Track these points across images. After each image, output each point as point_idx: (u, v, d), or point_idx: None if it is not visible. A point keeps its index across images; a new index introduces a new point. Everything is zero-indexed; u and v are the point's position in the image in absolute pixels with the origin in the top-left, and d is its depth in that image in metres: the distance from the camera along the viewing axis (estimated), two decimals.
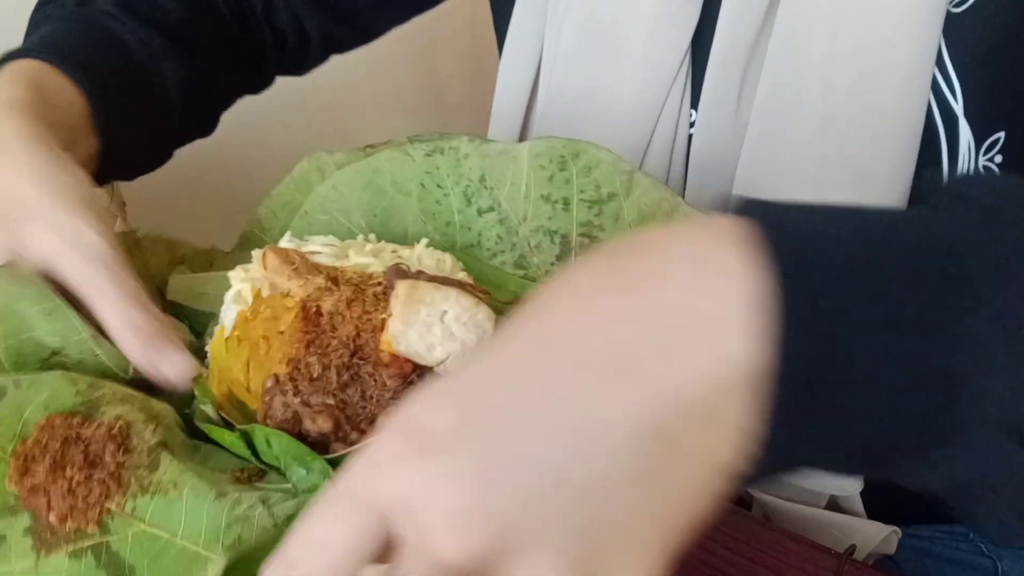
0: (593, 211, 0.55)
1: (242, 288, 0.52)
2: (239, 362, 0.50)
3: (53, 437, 0.45)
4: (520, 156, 0.56)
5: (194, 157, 1.14)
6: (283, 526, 0.43)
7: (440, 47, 1.40)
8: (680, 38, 0.65)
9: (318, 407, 0.47)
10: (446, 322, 0.46)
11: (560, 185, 0.55)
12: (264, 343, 0.49)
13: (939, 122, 0.60)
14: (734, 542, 0.57)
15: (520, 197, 0.56)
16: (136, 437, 0.46)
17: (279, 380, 0.48)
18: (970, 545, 0.73)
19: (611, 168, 0.55)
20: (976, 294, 0.32)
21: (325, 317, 0.48)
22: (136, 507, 0.44)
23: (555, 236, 0.55)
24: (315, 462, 0.43)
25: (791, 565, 0.56)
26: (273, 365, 0.48)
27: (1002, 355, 0.32)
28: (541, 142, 0.56)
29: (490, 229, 0.57)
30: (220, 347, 0.51)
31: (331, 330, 0.48)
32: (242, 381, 0.50)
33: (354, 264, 0.52)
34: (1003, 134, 0.60)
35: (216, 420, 0.49)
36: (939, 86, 0.60)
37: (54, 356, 0.52)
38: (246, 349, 0.50)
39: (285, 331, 0.49)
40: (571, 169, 0.55)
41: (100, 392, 0.48)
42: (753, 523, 0.59)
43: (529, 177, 0.56)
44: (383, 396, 0.47)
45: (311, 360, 0.47)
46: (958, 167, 0.61)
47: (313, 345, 0.48)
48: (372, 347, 0.47)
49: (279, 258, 0.50)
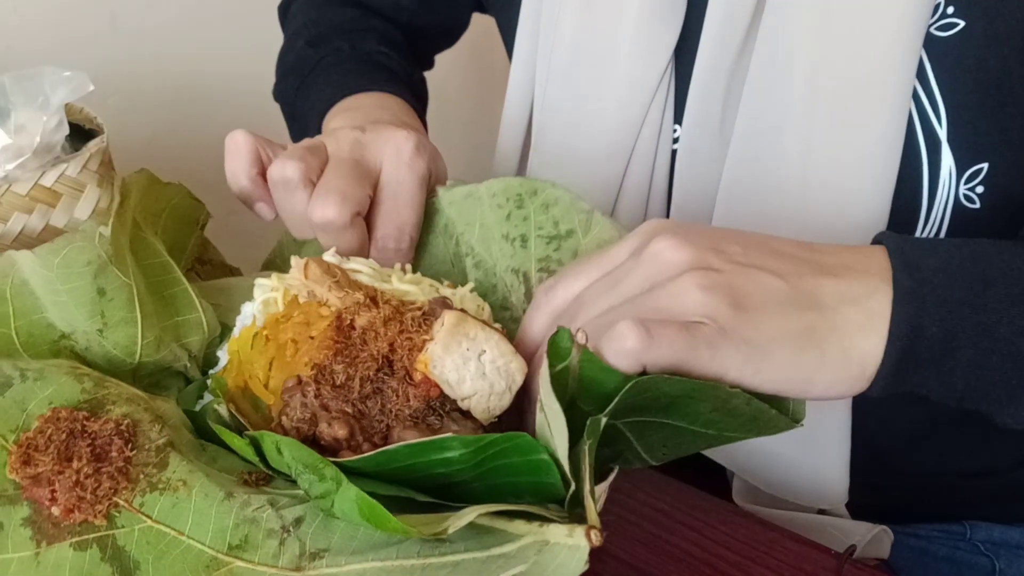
0: (552, 246, 0.56)
1: (275, 295, 0.53)
2: (263, 359, 0.50)
3: (59, 429, 0.45)
4: (482, 197, 0.58)
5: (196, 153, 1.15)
6: (291, 528, 0.43)
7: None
8: (660, 55, 0.66)
9: (336, 412, 0.47)
10: (483, 361, 0.47)
11: (518, 223, 0.56)
12: (292, 346, 0.50)
13: (922, 146, 0.60)
14: (734, 542, 0.58)
15: (490, 239, 0.57)
16: (143, 436, 0.46)
17: (302, 381, 0.48)
18: (968, 544, 0.73)
19: (569, 206, 0.56)
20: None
21: (358, 331, 0.49)
22: (144, 503, 0.44)
23: (518, 274, 0.56)
24: (328, 468, 0.43)
25: (791, 565, 0.56)
26: (298, 367, 0.49)
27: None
28: (497, 182, 0.57)
29: (471, 272, 0.58)
30: (245, 343, 0.52)
31: (361, 344, 0.48)
32: (261, 378, 0.50)
33: (395, 289, 0.53)
34: (986, 165, 0.60)
35: (228, 421, 0.49)
36: (924, 109, 0.60)
37: (63, 339, 0.53)
38: (272, 349, 0.50)
39: (316, 337, 0.49)
40: (528, 207, 0.56)
41: (105, 392, 0.48)
42: (753, 523, 0.59)
43: (490, 218, 0.57)
44: (402, 412, 0.47)
45: (337, 368, 0.48)
46: (937, 193, 0.61)
47: (341, 355, 0.48)
48: (404, 364, 0.48)
49: (321, 269, 0.51)
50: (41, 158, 0.69)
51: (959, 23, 0.58)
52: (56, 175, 0.67)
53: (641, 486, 0.61)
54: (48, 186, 0.66)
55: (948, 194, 0.61)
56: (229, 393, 0.50)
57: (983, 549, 0.73)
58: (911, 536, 0.73)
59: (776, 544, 0.58)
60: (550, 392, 0.41)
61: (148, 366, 0.54)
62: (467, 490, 0.44)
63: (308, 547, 0.43)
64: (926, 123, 0.60)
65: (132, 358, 0.53)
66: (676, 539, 0.58)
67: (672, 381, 0.42)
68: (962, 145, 0.60)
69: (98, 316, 0.52)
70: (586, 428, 0.41)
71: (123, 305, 0.53)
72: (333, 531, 0.43)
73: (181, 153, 1.13)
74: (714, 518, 0.59)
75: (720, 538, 0.58)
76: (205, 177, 1.19)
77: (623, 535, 0.58)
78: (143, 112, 1.07)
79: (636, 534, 0.58)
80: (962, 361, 0.45)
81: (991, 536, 0.74)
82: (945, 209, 0.61)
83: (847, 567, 0.56)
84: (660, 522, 0.59)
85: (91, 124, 0.77)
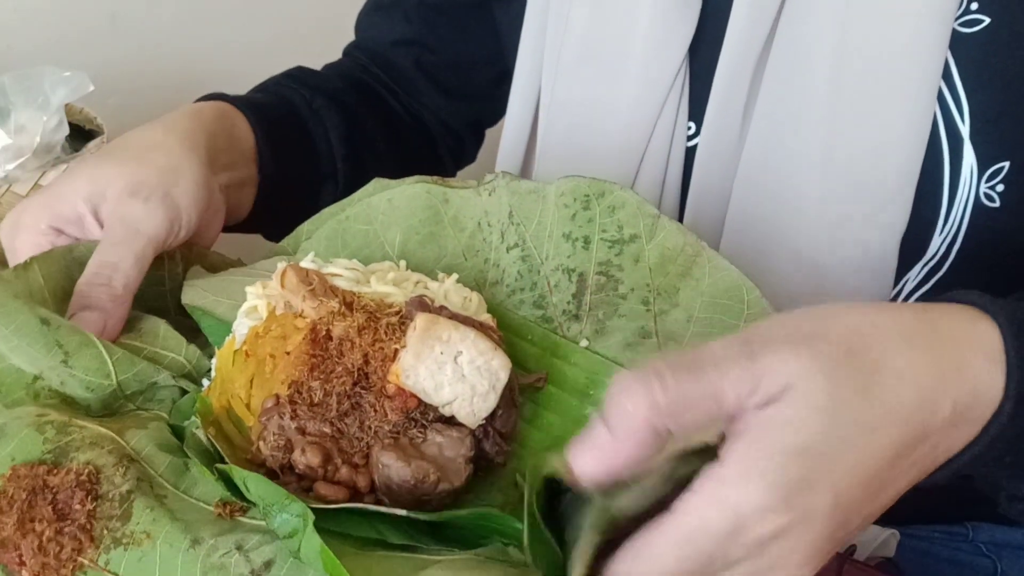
0: (613, 251, 0.54)
1: (258, 304, 0.51)
2: (243, 377, 0.49)
3: (19, 487, 0.44)
4: (548, 196, 0.56)
5: None
6: (261, 573, 0.41)
7: None
8: (675, 52, 0.65)
9: (312, 436, 0.45)
10: (459, 363, 0.45)
11: (582, 224, 0.55)
12: (270, 361, 0.48)
13: (944, 143, 0.59)
14: None
15: (544, 236, 0.56)
16: (106, 482, 0.45)
17: (279, 401, 0.46)
18: (970, 545, 0.73)
19: (635, 210, 0.54)
20: None
21: (334, 342, 0.47)
22: (110, 560, 0.43)
23: (572, 274, 0.55)
24: (293, 504, 0.41)
25: None
26: (276, 385, 0.47)
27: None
28: (567, 181, 0.55)
29: (513, 265, 0.56)
30: (227, 359, 0.50)
31: (338, 355, 0.46)
32: (243, 397, 0.48)
33: (373, 292, 0.50)
34: (1008, 163, 0.59)
35: (207, 447, 0.47)
36: (947, 105, 0.59)
37: (37, 381, 0.51)
38: (252, 365, 0.48)
39: (292, 352, 0.47)
40: (595, 208, 0.55)
41: (68, 439, 0.47)
42: None
43: (553, 216, 0.55)
44: (382, 428, 0.45)
45: (313, 384, 0.46)
46: (958, 191, 0.60)
47: (317, 369, 0.46)
48: (379, 376, 0.46)
49: (297, 277, 0.49)
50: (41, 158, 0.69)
51: (984, 20, 0.57)
52: (56, 175, 0.67)
53: None
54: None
55: (969, 192, 0.60)
56: (214, 415, 0.49)
57: (985, 550, 0.73)
58: (913, 537, 0.73)
59: None
60: None
61: (132, 383, 0.52)
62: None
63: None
64: (949, 120, 0.59)
65: (109, 379, 0.51)
66: None
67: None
68: (984, 143, 0.59)
69: (55, 347, 0.50)
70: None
71: (72, 329, 0.51)
72: (305, 574, 0.41)
73: None
74: None
75: None
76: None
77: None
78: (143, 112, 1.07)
79: None
80: None
81: (993, 537, 0.74)
82: (965, 208, 0.60)
83: (847, 567, 0.56)
84: None
85: (91, 124, 0.77)
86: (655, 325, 0.53)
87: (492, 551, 0.44)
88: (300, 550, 0.41)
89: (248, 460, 0.47)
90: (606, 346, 0.53)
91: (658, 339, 0.52)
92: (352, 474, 0.45)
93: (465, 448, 0.45)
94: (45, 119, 0.69)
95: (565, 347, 0.53)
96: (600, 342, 0.53)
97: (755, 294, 0.52)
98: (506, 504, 0.47)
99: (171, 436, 0.50)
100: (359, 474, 0.45)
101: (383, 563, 0.42)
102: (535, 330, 0.54)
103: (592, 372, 0.52)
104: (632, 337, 0.52)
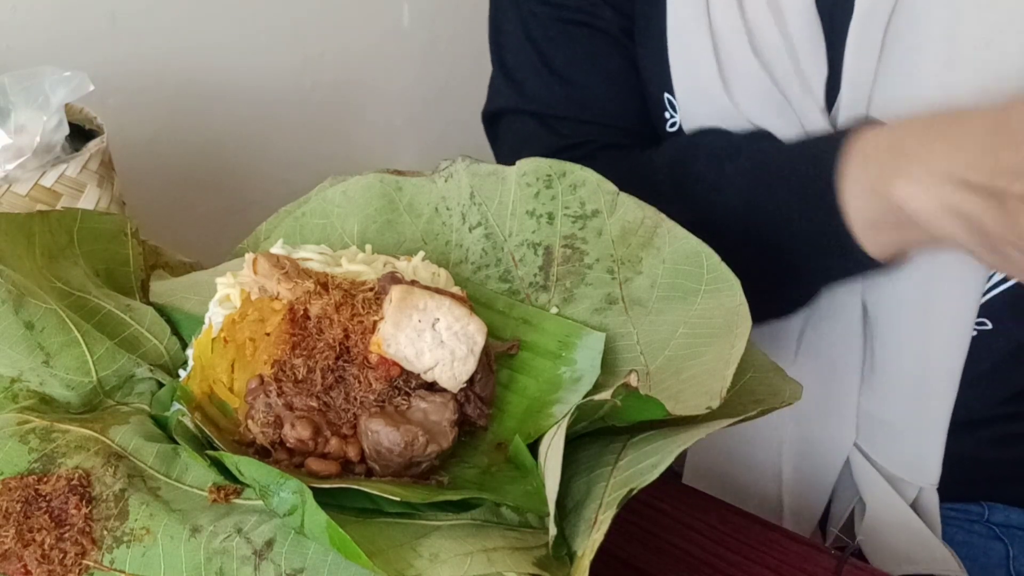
0: (577, 225, 0.57)
1: (231, 292, 0.51)
2: (224, 362, 0.49)
3: (12, 500, 0.44)
4: (508, 177, 0.58)
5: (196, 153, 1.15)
6: (263, 552, 0.42)
7: (443, 48, 1.40)
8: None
9: (300, 411, 0.46)
10: (437, 329, 0.47)
11: (546, 201, 0.58)
12: (251, 345, 0.49)
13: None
14: (734, 542, 0.58)
15: (507, 214, 0.58)
16: (98, 484, 0.45)
17: (264, 381, 0.47)
18: (983, 527, 0.73)
19: (595, 188, 0.57)
20: None
21: (312, 320, 0.48)
22: (115, 559, 0.43)
23: (538, 248, 0.58)
24: (289, 482, 0.42)
25: (791, 565, 0.56)
26: (258, 366, 0.48)
27: None
28: (528, 162, 0.58)
29: (476, 244, 0.58)
30: (205, 347, 0.51)
31: (318, 333, 0.48)
32: (226, 382, 0.49)
33: (346, 272, 0.52)
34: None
35: (196, 432, 0.48)
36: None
37: (16, 383, 0.51)
38: (232, 350, 0.49)
39: (272, 333, 0.48)
40: (557, 187, 0.58)
41: (53, 445, 0.47)
42: (753, 523, 0.59)
43: (516, 195, 0.58)
44: (367, 398, 0.46)
45: (296, 362, 0.47)
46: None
47: (299, 347, 0.47)
48: (360, 349, 0.47)
49: (269, 262, 0.50)
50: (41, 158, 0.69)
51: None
52: (56, 175, 0.67)
53: None
54: (48, 186, 0.66)
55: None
56: (196, 401, 0.49)
57: (999, 532, 0.73)
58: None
59: (776, 544, 0.57)
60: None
61: (111, 379, 0.53)
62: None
63: (284, 568, 0.42)
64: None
65: (89, 376, 0.52)
66: (676, 539, 0.58)
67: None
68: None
69: (37, 350, 0.51)
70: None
71: (57, 330, 0.51)
72: (306, 548, 0.42)
73: (181, 153, 1.13)
74: (714, 518, 0.59)
75: (720, 538, 0.58)
76: (205, 176, 1.19)
77: (623, 535, 0.58)
78: (143, 112, 1.07)
79: (636, 534, 0.58)
80: None
81: (1008, 519, 0.74)
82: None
83: (847, 567, 0.56)
84: (660, 522, 0.59)
85: (91, 124, 0.77)
86: (621, 291, 0.56)
87: (484, 512, 0.45)
88: (304, 526, 0.42)
89: (236, 441, 0.48)
90: (574, 312, 0.55)
91: (624, 304, 0.55)
92: (342, 445, 0.46)
93: (449, 412, 0.47)
94: (45, 119, 0.69)
95: (536, 314, 0.55)
96: (568, 309, 0.56)
97: (714, 259, 0.54)
98: (490, 465, 0.48)
99: (154, 427, 0.50)
100: (349, 444, 0.46)
101: (384, 531, 0.43)
102: (504, 300, 0.56)
103: (563, 335, 0.54)
104: (599, 303, 0.55)
